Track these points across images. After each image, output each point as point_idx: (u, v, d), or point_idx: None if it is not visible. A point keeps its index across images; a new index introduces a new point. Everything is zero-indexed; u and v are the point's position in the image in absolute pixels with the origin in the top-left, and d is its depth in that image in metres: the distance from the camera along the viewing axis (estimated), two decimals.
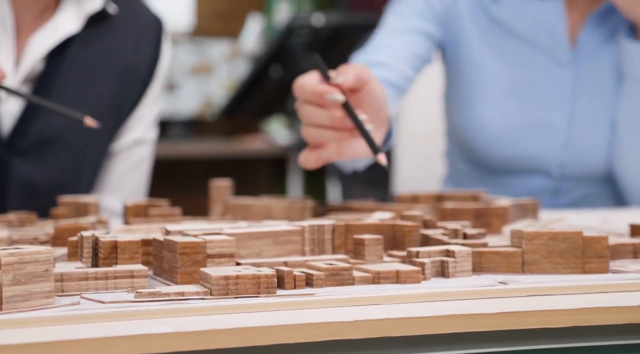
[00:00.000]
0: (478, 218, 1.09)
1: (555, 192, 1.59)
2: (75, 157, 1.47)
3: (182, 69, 4.43)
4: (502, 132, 1.57)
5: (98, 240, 0.79)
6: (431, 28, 1.60)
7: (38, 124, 1.42)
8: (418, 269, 0.79)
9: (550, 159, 1.57)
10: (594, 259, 0.82)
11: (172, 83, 4.42)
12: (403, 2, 1.61)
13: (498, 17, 1.59)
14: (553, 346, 0.72)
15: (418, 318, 0.69)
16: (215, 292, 0.72)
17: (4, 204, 1.40)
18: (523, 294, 0.76)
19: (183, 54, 4.43)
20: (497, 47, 1.60)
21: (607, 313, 0.72)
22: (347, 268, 0.78)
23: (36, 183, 1.42)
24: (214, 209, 1.24)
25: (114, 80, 1.51)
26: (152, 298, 0.72)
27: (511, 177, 1.60)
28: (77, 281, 0.75)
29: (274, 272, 0.74)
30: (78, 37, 1.46)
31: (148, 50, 1.57)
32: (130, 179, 1.60)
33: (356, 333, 0.68)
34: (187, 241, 0.79)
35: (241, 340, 0.66)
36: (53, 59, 1.44)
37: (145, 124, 1.59)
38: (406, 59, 1.54)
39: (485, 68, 1.60)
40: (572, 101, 1.57)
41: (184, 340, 0.64)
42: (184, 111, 4.43)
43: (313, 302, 0.72)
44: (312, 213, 1.18)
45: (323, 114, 1.07)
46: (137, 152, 1.59)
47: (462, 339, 0.71)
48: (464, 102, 1.62)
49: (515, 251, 0.83)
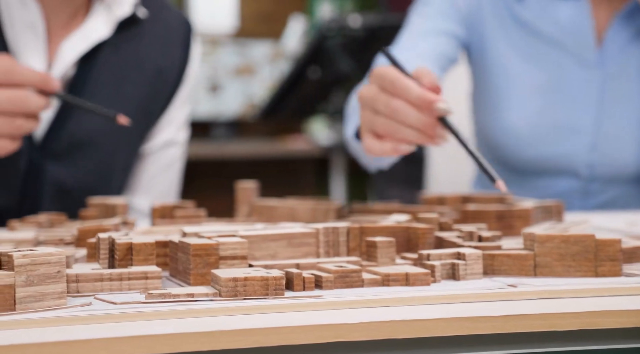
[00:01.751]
0: (500, 220, 1.09)
1: (585, 194, 1.58)
2: (105, 160, 1.50)
3: (225, 71, 4.46)
4: (529, 133, 1.57)
5: (114, 242, 0.81)
6: (456, 28, 1.60)
7: (70, 129, 1.44)
8: (427, 272, 0.79)
9: (578, 160, 1.57)
10: (607, 262, 0.82)
11: (215, 84, 4.45)
12: (427, 4, 1.62)
13: (523, 18, 1.59)
14: (560, 349, 0.72)
15: (423, 320, 0.70)
16: (224, 293, 0.74)
17: (38, 205, 1.43)
18: (531, 297, 0.76)
19: (226, 55, 4.47)
20: (523, 48, 1.59)
21: (615, 316, 0.72)
22: (356, 270, 0.79)
23: (68, 185, 1.45)
24: (240, 211, 1.26)
25: (143, 83, 1.53)
26: (163, 299, 0.73)
27: (539, 178, 1.60)
28: (92, 282, 0.77)
29: (282, 274, 0.75)
30: (108, 42, 1.49)
31: (177, 54, 1.59)
32: (161, 180, 1.62)
33: (360, 334, 0.69)
34: (200, 243, 0.80)
35: (246, 341, 0.67)
36: (84, 63, 1.46)
37: (176, 126, 1.61)
38: (432, 59, 1.54)
39: (511, 69, 1.59)
40: (599, 102, 1.56)
41: (189, 341, 0.66)
42: (228, 111, 4.46)
43: (319, 304, 0.73)
44: (336, 215, 1.19)
45: (416, 115, 1.07)
46: (168, 153, 1.61)
47: (468, 341, 0.71)
48: (490, 103, 1.62)
49: (527, 254, 0.83)
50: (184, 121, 1.64)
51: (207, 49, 4.43)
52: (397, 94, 1.08)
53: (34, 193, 1.43)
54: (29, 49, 1.42)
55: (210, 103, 4.44)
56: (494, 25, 1.60)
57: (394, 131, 1.09)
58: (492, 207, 1.10)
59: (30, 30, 1.42)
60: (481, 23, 1.61)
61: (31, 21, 1.42)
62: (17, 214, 1.38)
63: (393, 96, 1.08)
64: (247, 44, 4.51)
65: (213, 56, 4.46)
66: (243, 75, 4.47)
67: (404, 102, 1.07)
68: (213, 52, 4.46)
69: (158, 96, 1.56)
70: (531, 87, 1.58)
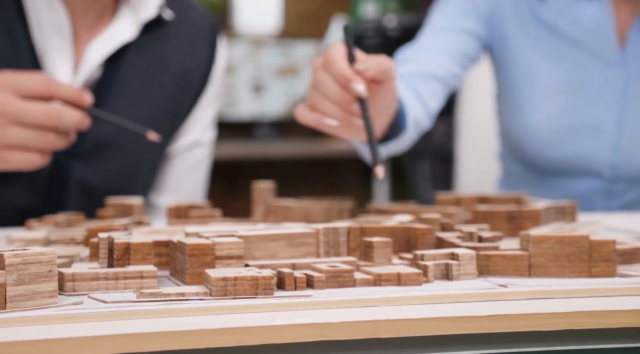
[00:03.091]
0: (511, 221, 1.09)
1: (608, 194, 1.57)
2: (130, 160, 1.51)
3: (269, 71, 4.48)
4: (551, 133, 1.56)
5: (113, 242, 0.82)
6: (477, 27, 1.60)
7: (96, 129, 1.46)
8: (419, 272, 0.80)
9: (600, 161, 1.56)
10: (601, 263, 0.82)
11: (259, 85, 4.47)
12: (448, 2, 1.62)
13: (545, 18, 1.58)
14: (545, 348, 0.72)
15: (407, 319, 0.70)
16: (214, 293, 0.75)
17: (63, 205, 1.45)
18: (521, 297, 0.76)
19: (270, 56, 4.49)
20: (545, 48, 1.59)
21: (600, 317, 0.72)
22: (348, 270, 0.79)
23: (93, 185, 1.47)
24: (256, 211, 1.27)
25: (169, 85, 1.55)
26: (154, 298, 0.74)
27: (562, 178, 1.59)
28: (88, 281, 0.78)
29: (272, 274, 0.76)
30: (134, 44, 1.50)
31: (203, 55, 1.60)
32: (188, 180, 1.64)
33: (344, 334, 0.70)
34: (196, 243, 0.81)
35: (230, 340, 0.68)
36: (110, 65, 1.48)
37: (202, 127, 1.63)
38: (452, 56, 1.55)
39: (532, 69, 1.59)
40: (621, 102, 1.55)
41: (173, 339, 0.67)
42: (271, 112, 4.48)
43: (307, 303, 0.74)
44: (349, 215, 1.19)
45: (336, 90, 1.10)
46: (194, 154, 1.63)
47: (452, 341, 0.72)
48: (513, 103, 1.61)
49: (522, 254, 0.83)
50: (210, 122, 1.65)
51: (250, 49, 4.46)
52: (326, 67, 1.10)
53: (58, 193, 1.45)
54: (55, 51, 1.44)
55: (253, 103, 4.47)
56: (516, 25, 1.60)
57: (317, 101, 1.12)
58: (502, 208, 1.10)
59: (57, 32, 1.44)
60: (502, 23, 1.60)
61: (58, 23, 1.43)
62: (42, 213, 1.40)
63: (323, 69, 1.11)
64: (290, 44, 4.53)
65: (257, 57, 4.48)
66: (286, 75, 4.49)
67: (329, 76, 1.10)
68: (257, 52, 4.48)
69: (184, 97, 1.58)
70: (553, 87, 1.57)
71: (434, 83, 1.50)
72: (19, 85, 1.23)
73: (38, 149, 1.24)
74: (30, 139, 1.23)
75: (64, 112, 1.24)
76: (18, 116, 1.22)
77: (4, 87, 1.23)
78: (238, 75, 4.46)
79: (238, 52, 4.46)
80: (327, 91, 1.11)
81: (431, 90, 1.50)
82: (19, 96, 1.23)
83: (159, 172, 1.60)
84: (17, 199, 1.43)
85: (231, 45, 4.44)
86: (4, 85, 1.23)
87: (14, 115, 1.22)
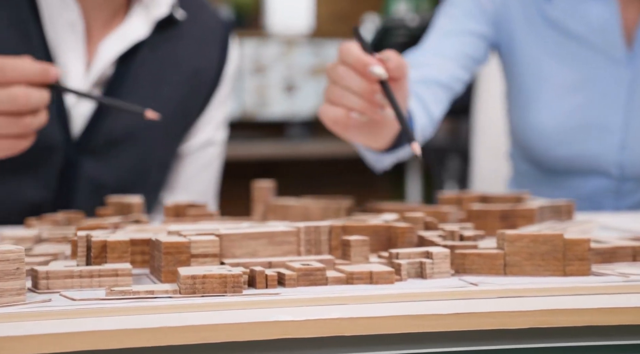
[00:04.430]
0: (504, 220, 1.09)
1: (617, 194, 1.56)
2: (141, 158, 1.52)
3: (300, 71, 4.49)
4: (558, 132, 1.55)
5: (90, 240, 0.83)
6: (483, 29, 1.59)
7: (107, 126, 1.47)
8: (391, 270, 0.80)
9: (608, 160, 1.54)
10: (575, 261, 0.81)
11: (290, 84, 4.48)
12: (453, 4, 1.61)
13: (552, 17, 1.57)
14: (510, 346, 0.72)
15: (371, 317, 0.71)
16: (183, 291, 0.75)
17: (72, 201, 1.46)
18: (490, 295, 0.76)
19: (302, 55, 4.50)
20: (552, 47, 1.58)
21: (565, 315, 0.71)
22: (320, 268, 0.80)
23: (103, 182, 1.48)
24: (256, 210, 1.28)
25: (181, 84, 1.56)
26: (123, 296, 0.75)
27: (571, 178, 1.58)
28: (62, 279, 0.79)
29: (241, 272, 0.76)
30: (146, 42, 1.51)
31: (214, 54, 1.61)
32: (200, 179, 1.65)
33: (307, 331, 0.70)
34: (171, 241, 0.82)
35: (194, 337, 0.69)
36: (122, 63, 1.49)
37: (214, 126, 1.64)
38: (457, 60, 1.54)
39: (540, 68, 1.58)
40: (628, 100, 1.53)
41: (135, 337, 0.68)
42: (303, 111, 4.49)
43: (274, 301, 0.74)
44: (347, 213, 1.20)
45: (357, 80, 1.09)
46: (207, 153, 1.64)
47: (416, 339, 0.72)
48: (520, 102, 1.60)
49: (497, 253, 0.83)
50: (222, 121, 1.66)
51: (282, 49, 4.47)
52: (343, 60, 1.10)
53: (68, 189, 1.47)
54: (68, 49, 1.45)
55: (285, 103, 4.48)
56: (523, 24, 1.59)
57: (340, 96, 1.11)
58: (496, 207, 1.09)
59: (70, 29, 1.45)
60: (509, 23, 1.59)
61: (71, 20, 1.44)
62: (52, 209, 1.42)
63: (339, 64, 1.11)
64: (322, 44, 4.53)
65: (288, 56, 4.49)
66: (318, 75, 4.50)
67: (347, 68, 1.09)
68: (288, 52, 4.49)
69: (196, 96, 1.59)
70: (561, 86, 1.56)
71: (438, 89, 1.50)
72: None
73: (15, 134, 1.16)
74: (3, 127, 1.15)
75: (29, 93, 1.14)
76: None
77: None
78: (270, 75, 4.47)
79: (270, 52, 4.47)
80: (347, 82, 1.10)
81: (434, 96, 1.50)
82: None
83: (170, 171, 1.61)
84: (28, 193, 1.44)
85: (263, 45, 4.46)
86: None
87: None
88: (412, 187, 4.47)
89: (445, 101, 1.52)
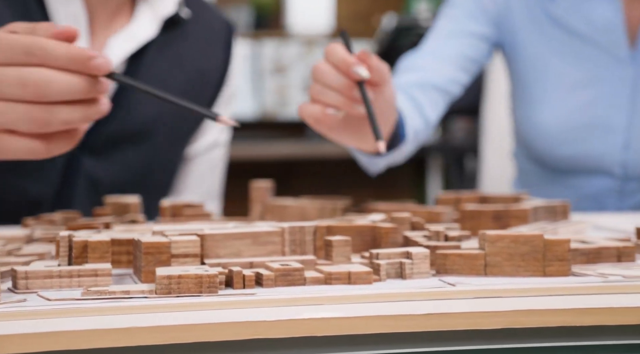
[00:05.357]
0: (497, 220, 1.08)
1: (621, 194, 1.55)
2: (145, 158, 1.52)
3: None
4: (561, 131, 1.54)
5: (72, 240, 0.84)
6: (484, 29, 1.58)
7: (111, 126, 1.47)
8: (369, 271, 0.80)
9: (611, 159, 1.53)
10: (555, 262, 0.81)
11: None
12: (454, 5, 1.61)
13: (556, 15, 1.56)
14: (484, 347, 0.72)
15: (343, 318, 0.70)
16: (159, 291, 0.76)
17: (72, 199, 1.46)
18: (466, 296, 0.75)
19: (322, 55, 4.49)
20: (556, 45, 1.57)
21: (538, 315, 0.71)
22: (298, 268, 0.80)
23: (102, 181, 1.47)
24: (254, 210, 1.28)
25: (186, 84, 1.56)
26: (98, 296, 0.75)
27: (574, 177, 1.57)
28: (41, 279, 0.80)
29: (217, 272, 0.76)
30: (154, 42, 1.51)
31: (219, 55, 1.61)
32: (207, 181, 1.65)
33: (278, 332, 0.70)
34: (151, 241, 0.82)
35: (163, 338, 0.69)
36: (131, 63, 1.49)
37: (219, 128, 1.64)
38: (456, 62, 1.53)
39: (543, 66, 1.57)
40: (632, 100, 1.52)
41: (103, 337, 0.68)
42: None
43: (249, 302, 0.74)
44: (342, 213, 1.19)
45: (339, 78, 1.11)
46: (213, 154, 1.64)
47: (388, 339, 0.71)
48: (524, 101, 1.60)
49: (478, 253, 0.83)
50: None
51: (303, 49, 4.47)
52: (326, 58, 1.13)
53: (69, 186, 1.47)
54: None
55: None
56: (527, 23, 1.58)
57: (319, 92, 1.13)
58: (489, 208, 1.09)
59: (74, 22, 1.42)
60: (512, 22, 1.59)
61: (74, 15, 1.43)
62: (52, 206, 1.42)
63: (323, 62, 1.14)
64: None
65: (309, 56, 4.49)
66: None
67: (329, 65, 1.12)
68: (309, 52, 4.50)
69: (200, 97, 1.59)
70: (564, 84, 1.55)
71: (434, 93, 1.50)
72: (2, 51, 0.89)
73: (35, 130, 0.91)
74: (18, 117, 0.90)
75: (52, 78, 0.89)
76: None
77: None
78: (290, 75, 4.47)
79: (290, 52, 4.47)
80: (328, 79, 1.12)
81: (431, 100, 1.50)
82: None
83: (177, 173, 1.61)
84: (28, 189, 1.44)
85: (283, 45, 4.46)
86: None
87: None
88: (432, 187, 4.45)
89: (442, 104, 1.52)
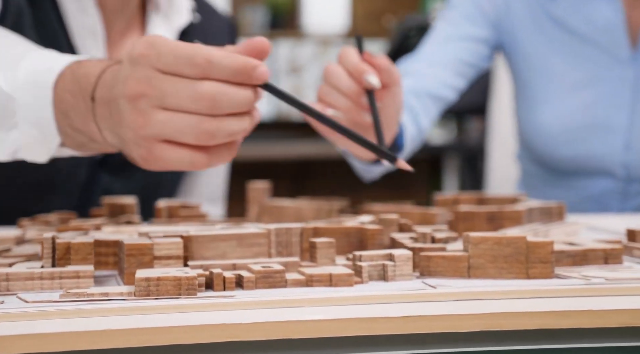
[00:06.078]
0: (491, 222, 1.07)
1: (623, 195, 1.53)
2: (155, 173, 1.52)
3: None
4: (562, 131, 1.53)
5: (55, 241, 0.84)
6: (483, 32, 1.57)
7: None
8: (351, 273, 0.79)
9: (612, 160, 1.52)
10: (538, 264, 0.80)
11: None
12: (453, 8, 1.60)
13: (557, 15, 1.55)
14: (460, 349, 0.71)
15: (320, 320, 0.70)
16: (137, 293, 0.75)
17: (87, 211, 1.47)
18: (447, 298, 0.75)
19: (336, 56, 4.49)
20: (557, 46, 1.56)
21: (517, 318, 0.70)
22: (279, 270, 0.79)
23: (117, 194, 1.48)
24: (251, 211, 1.27)
25: None
26: (77, 298, 0.75)
27: (577, 178, 1.55)
28: (22, 281, 0.80)
29: (197, 274, 0.76)
30: None
31: None
32: (212, 184, 1.66)
33: (254, 334, 0.69)
34: (134, 242, 0.82)
35: (137, 340, 0.68)
36: None
37: None
38: (452, 67, 1.53)
39: (544, 67, 1.56)
40: (633, 100, 1.51)
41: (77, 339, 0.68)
42: None
43: (226, 304, 0.74)
44: (338, 215, 1.19)
45: (349, 83, 1.11)
46: None
47: (366, 342, 0.71)
48: (526, 101, 1.59)
49: (461, 255, 0.82)
50: None
51: (318, 49, 4.47)
52: (339, 61, 1.13)
53: (87, 200, 1.48)
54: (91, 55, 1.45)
55: None
56: (527, 24, 1.57)
57: (327, 93, 1.13)
58: (483, 209, 1.08)
59: (92, 36, 1.42)
60: (512, 23, 1.58)
61: (91, 27, 1.42)
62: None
63: (336, 64, 1.14)
64: None
65: (324, 56, 4.49)
66: None
67: (340, 68, 1.12)
68: (324, 52, 4.49)
69: None
70: (565, 85, 1.54)
71: (428, 100, 1.49)
72: (164, 59, 0.85)
73: (199, 142, 0.85)
74: (184, 130, 0.84)
75: (223, 91, 0.85)
76: (162, 97, 0.85)
77: (146, 58, 0.85)
78: (305, 75, 4.47)
79: (305, 51, 4.47)
80: (338, 82, 1.12)
81: (425, 108, 1.49)
82: (160, 71, 0.86)
83: (182, 180, 1.62)
84: (52, 202, 1.45)
85: (298, 45, 4.46)
86: (146, 55, 0.85)
87: (158, 96, 0.85)
88: (449, 188, 4.44)
89: (434, 111, 1.52)
